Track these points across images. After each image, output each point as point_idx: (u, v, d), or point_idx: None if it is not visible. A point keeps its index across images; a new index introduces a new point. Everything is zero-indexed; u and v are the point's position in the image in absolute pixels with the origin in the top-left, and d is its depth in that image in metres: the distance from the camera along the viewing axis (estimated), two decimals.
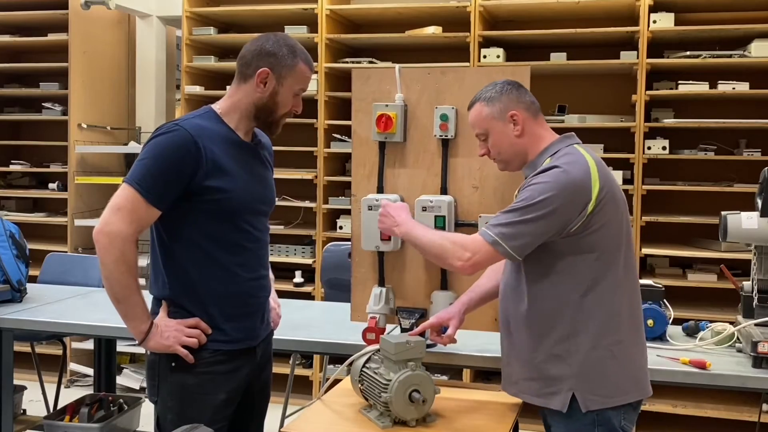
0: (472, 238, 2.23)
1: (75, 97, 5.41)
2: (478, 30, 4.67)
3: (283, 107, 2.28)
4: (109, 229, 2.12)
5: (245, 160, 2.29)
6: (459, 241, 2.26)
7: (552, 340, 2.19)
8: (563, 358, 2.18)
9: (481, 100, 2.29)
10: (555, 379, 2.19)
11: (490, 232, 2.17)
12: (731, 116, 4.54)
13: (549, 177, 2.14)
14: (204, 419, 2.15)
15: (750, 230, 2.68)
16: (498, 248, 2.16)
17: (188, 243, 2.22)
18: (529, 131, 2.27)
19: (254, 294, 2.34)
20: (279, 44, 2.26)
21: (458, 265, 2.23)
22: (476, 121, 2.31)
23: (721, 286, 4.39)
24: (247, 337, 2.32)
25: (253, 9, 5.14)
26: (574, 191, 2.12)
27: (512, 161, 2.31)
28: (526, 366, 2.26)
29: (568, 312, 2.17)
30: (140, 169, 2.15)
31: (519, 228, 2.13)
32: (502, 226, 2.16)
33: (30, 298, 3.51)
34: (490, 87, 2.30)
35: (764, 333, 2.60)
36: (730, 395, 4.35)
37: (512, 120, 2.25)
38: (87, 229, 5.38)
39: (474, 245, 2.20)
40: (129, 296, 2.17)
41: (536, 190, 2.13)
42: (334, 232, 5.02)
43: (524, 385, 2.28)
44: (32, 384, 4.32)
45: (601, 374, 2.17)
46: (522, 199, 2.15)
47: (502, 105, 2.26)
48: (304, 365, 5.05)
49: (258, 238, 2.33)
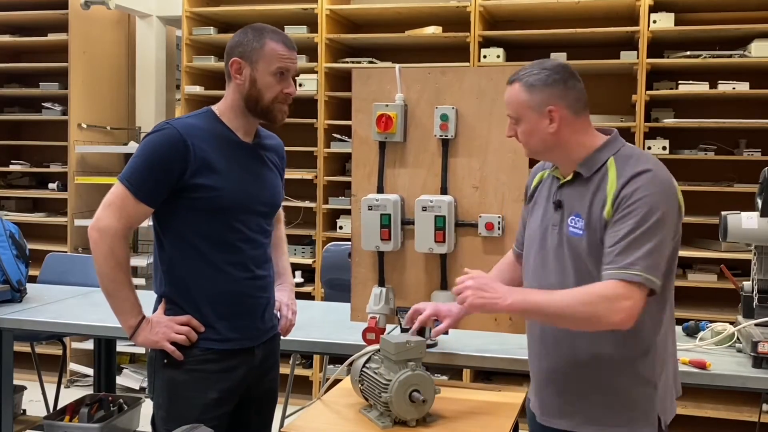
0: (615, 285, 1.88)
1: (75, 97, 5.41)
2: (478, 30, 4.67)
3: (268, 91, 2.25)
4: (99, 224, 2.20)
5: (242, 160, 2.29)
6: (602, 292, 1.89)
7: (640, 364, 2.01)
8: (648, 380, 2.01)
9: (521, 82, 2.04)
10: (639, 401, 2.02)
11: (636, 272, 1.87)
12: (731, 116, 4.53)
13: (652, 187, 1.91)
14: (191, 417, 2.15)
15: (750, 230, 2.68)
16: (652, 285, 1.89)
17: (180, 240, 2.24)
18: (566, 130, 2.02)
19: (250, 294, 2.32)
20: (245, 32, 2.29)
21: (619, 319, 1.88)
22: (511, 103, 2.07)
23: (721, 286, 4.39)
24: (242, 337, 2.30)
25: (253, 9, 5.14)
26: (675, 193, 1.97)
27: (540, 153, 2.11)
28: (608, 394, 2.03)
29: (651, 329, 2.01)
30: (130, 167, 2.20)
31: (656, 257, 1.90)
32: (642, 259, 1.87)
33: (30, 298, 3.51)
34: (536, 69, 2.04)
35: (764, 333, 2.59)
36: (730, 395, 4.35)
37: (549, 115, 2.01)
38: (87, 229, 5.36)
39: (627, 291, 1.87)
40: (119, 291, 2.22)
41: (646, 203, 1.89)
42: (334, 232, 5.02)
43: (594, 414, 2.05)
44: (32, 384, 4.32)
45: (671, 391, 2.09)
46: (638, 219, 1.89)
47: (542, 97, 2.01)
48: (304, 365, 5.05)
49: (253, 238, 2.31)
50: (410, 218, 2.69)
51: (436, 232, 2.61)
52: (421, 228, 2.63)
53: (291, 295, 2.60)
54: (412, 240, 2.66)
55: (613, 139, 2.09)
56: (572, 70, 2.06)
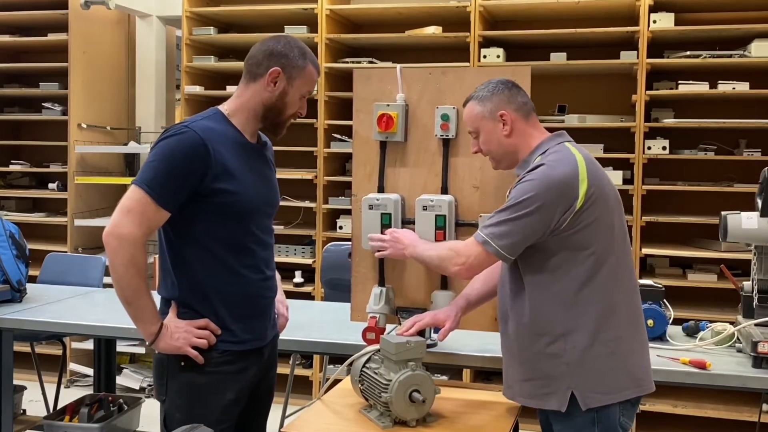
0: (466, 242, 2.28)
1: (75, 97, 5.41)
2: (478, 30, 4.67)
3: (291, 108, 2.30)
4: (119, 231, 2.13)
5: (252, 162, 2.31)
6: (454, 246, 2.32)
7: (547, 339, 2.19)
8: (559, 356, 2.18)
9: (474, 99, 2.33)
10: (551, 378, 2.19)
11: (481, 233, 2.21)
12: (731, 116, 4.53)
13: (535, 175, 2.17)
14: (212, 419, 2.18)
15: (750, 230, 2.68)
16: (488, 248, 2.19)
17: (196, 244, 2.23)
18: (519, 131, 2.29)
19: (262, 295, 2.35)
20: (290, 46, 2.29)
21: (455, 270, 2.29)
22: (468, 119, 2.35)
23: (721, 286, 4.39)
24: (256, 337, 2.33)
25: (253, 9, 5.14)
26: (560, 188, 2.14)
27: (502, 160, 2.35)
28: (521, 366, 2.27)
29: (561, 309, 2.18)
30: (150, 171, 2.15)
31: (507, 227, 2.16)
32: (492, 227, 2.19)
33: (30, 298, 3.51)
34: (484, 86, 2.34)
35: (764, 333, 2.60)
36: (730, 395, 4.34)
37: (501, 120, 2.28)
38: (87, 229, 5.38)
39: (467, 249, 2.25)
40: (139, 299, 2.18)
41: (523, 188, 2.17)
42: (334, 232, 5.02)
43: (519, 388, 2.29)
44: (32, 384, 4.32)
45: (599, 371, 2.16)
46: (510, 199, 2.19)
47: (492, 105, 2.29)
48: (304, 365, 5.04)
49: (263, 239, 2.34)
50: (411, 218, 2.69)
51: (436, 231, 2.61)
52: (422, 227, 2.63)
53: (281, 290, 2.60)
54: None
55: (548, 140, 2.30)
56: (516, 83, 2.36)
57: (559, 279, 2.18)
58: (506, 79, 2.36)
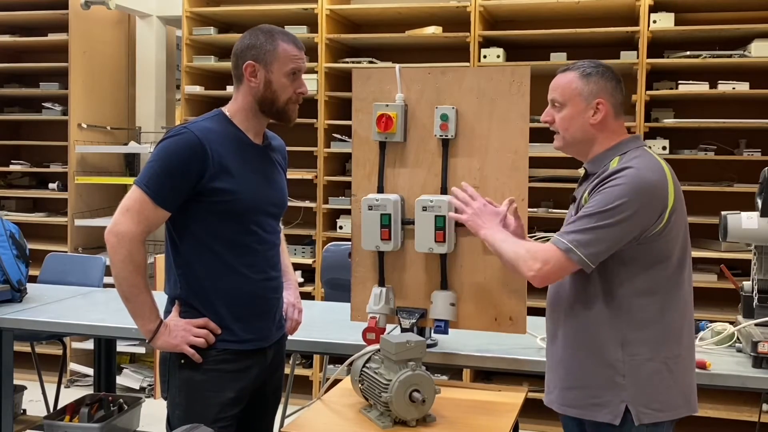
0: (544, 246, 2.11)
1: (75, 97, 5.41)
2: (478, 30, 4.67)
3: (283, 92, 2.29)
4: (117, 229, 2.19)
5: (254, 162, 2.32)
6: (532, 248, 2.14)
7: (604, 349, 2.09)
8: (614, 367, 2.08)
9: (577, 71, 2.18)
10: (602, 389, 2.09)
11: (564, 240, 2.05)
12: (731, 116, 4.53)
13: (625, 179, 2.02)
14: (209, 416, 2.20)
15: (750, 230, 2.68)
16: (572, 256, 2.03)
17: (197, 243, 2.25)
18: (606, 125, 2.16)
19: (264, 295, 2.36)
20: (255, 34, 2.29)
21: (529, 275, 2.11)
22: (561, 89, 2.19)
23: (721, 286, 4.39)
24: (257, 337, 2.34)
25: (253, 9, 5.14)
26: (653, 195, 2.03)
27: (573, 144, 2.21)
28: (566, 373, 2.16)
29: (626, 320, 2.08)
30: (148, 171, 2.20)
31: (595, 234, 2.01)
32: (577, 233, 2.03)
33: (30, 298, 3.51)
34: (593, 64, 2.19)
35: (764, 333, 2.60)
36: (730, 395, 4.35)
37: (596, 107, 2.15)
38: (87, 229, 5.38)
39: (545, 254, 2.07)
40: (137, 295, 2.22)
41: (612, 193, 2.02)
42: (334, 232, 5.02)
43: (559, 395, 2.19)
44: (32, 384, 4.32)
45: (656, 387, 2.08)
46: (596, 203, 2.03)
47: (595, 87, 2.15)
48: (304, 365, 5.05)
49: (267, 239, 2.35)
50: (410, 218, 2.68)
51: (436, 231, 2.60)
52: (422, 228, 2.63)
53: (296, 293, 2.64)
54: (412, 240, 2.65)
55: (627, 142, 2.18)
56: (621, 78, 2.20)
57: (629, 290, 2.07)
58: (613, 70, 2.21)
